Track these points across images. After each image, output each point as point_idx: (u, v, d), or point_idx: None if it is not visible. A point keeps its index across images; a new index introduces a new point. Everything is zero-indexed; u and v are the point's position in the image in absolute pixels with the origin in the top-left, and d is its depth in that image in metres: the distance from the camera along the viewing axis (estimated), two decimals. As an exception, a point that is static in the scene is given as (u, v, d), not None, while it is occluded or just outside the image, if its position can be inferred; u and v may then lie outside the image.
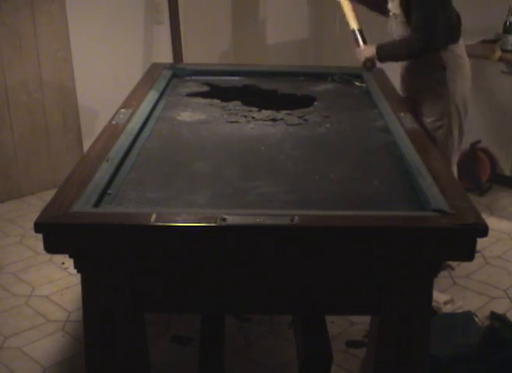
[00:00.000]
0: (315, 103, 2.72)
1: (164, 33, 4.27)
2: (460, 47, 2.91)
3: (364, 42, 2.91)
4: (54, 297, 3.00)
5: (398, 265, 1.69)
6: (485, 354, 2.45)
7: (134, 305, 1.74)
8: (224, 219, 1.62)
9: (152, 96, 2.68)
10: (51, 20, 3.85)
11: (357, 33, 2.93)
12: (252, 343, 2.67)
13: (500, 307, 2.89)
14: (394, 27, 2.90)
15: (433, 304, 2.54)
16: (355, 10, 3.00)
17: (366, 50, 2.87)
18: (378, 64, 2.96)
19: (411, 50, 2.78)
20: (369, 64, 2.88)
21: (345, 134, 2.42)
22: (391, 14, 2.93)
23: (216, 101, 2.73)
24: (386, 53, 2.84)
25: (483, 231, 1.62)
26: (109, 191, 1.84)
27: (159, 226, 1.62)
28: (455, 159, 3.05)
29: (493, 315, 2.76)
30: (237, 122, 2.49)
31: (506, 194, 4.08)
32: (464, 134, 3.04)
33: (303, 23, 5.01)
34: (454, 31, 2.86)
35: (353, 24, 2.95)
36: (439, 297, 2.83)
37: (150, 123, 2.43)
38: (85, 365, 1.83)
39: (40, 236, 1.63)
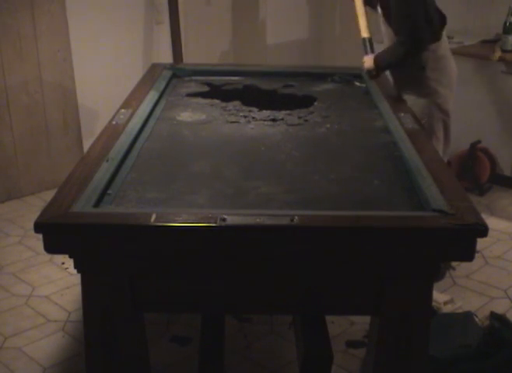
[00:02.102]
0: (315, 103, 2.72)
1: (164, 33, 4.27)
2: (442, 47, 2.90)
3: (371, 52, 2.91)
4: (54, 297, 3.00)
5: (398, 265, 1.69)
6: (485, 354, 2.45)
7: (134, 305, 1.74)
8: (224, 219, 1.62)
9: (152, 96, 2.68)
10: (51, 20, 3.85)
11: (366, 41, 2.94)
12: (252, 343, 2.67)
13: (500, 307, 2.89)
14: (381, 27, 2.95)
15: (433, 304, 2.54)
16: (367, 17, 3.00)
17: (367, 61, 2.90)
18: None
19: (401, 55, 2.79)
20: (372, 73, 2.91)
21: (345, 134, 2.42)
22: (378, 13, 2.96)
23: (216, 101, 2.73)
24: (383, 62, 2.87)
25: (483, 231, 1.62)
26: (109, 191, 1.84)
27: (159, 226, 1.62)
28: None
29: (493, 315, 2.75)
30: (237, 122, 2.49)
31: (506, 194, 4.08)
32: (451, 136, 3.01)
33: (303, 23, 5.01)
34: (434, 31, 2.84)
35: (364, 33, 2.96)
36: (439, 297, 2.83)
37: (150, 124, 2.43)
38: (86, 365, 1.83)
39: (40, 236, 1.63)
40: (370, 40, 2.95)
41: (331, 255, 1.68)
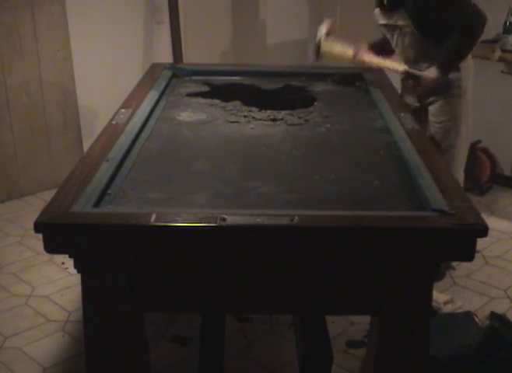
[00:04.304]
0: (315, 103, 2.72)
1: (164, 33, 4.27)
2: None
3: (420, 71, 2.85)
4: (54, 297, 3.00)
5: (398, 265, 1.69)
6: (485, 354, 2.45)
7: (134, 305, 1.74)
8: (224, 219, 1.62)
9: (152, 96, 2.68)
10: (51, 20, 3.85)
11: (410, 71, 2.87)
12: (252, 343, 2.67)
13: (500, 307, 2.89)
14: (401, 39, 2.89)
15: (433, 304, 2.54)
16: (384, 56, 2.98)
17: (431, 73, 2.81)
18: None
19: (470, 43, 2.76)
20: (440, 81, 2.83)
21: (346, 134, 2.42)
22: (385, 30, 2.93)
23: (216, 101, 2.73)
24: (449, 65, 2.81)
25: (483, 231, 1.62)
26: (109, 191, 1.84)
27: (159, 226, 1.62)
28: (464, 162, 3.04)
29: (493, 315, 2.76)
30: (238, 122, 2.49)
31: (506, 194, 4.08)
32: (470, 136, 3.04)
33: (303, 23, 5.01)
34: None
35: (400, 67, 2.90)
36: (439, 297, 2.83)
37: (150, 123, 2.43)
38: (85, 365, 1.83)
39: (40, 236, 1.62)
40: (410, 66, 2.88)
41: (331, 255, 1.68)
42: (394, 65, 2.95)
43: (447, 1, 2.74)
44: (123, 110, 2.47)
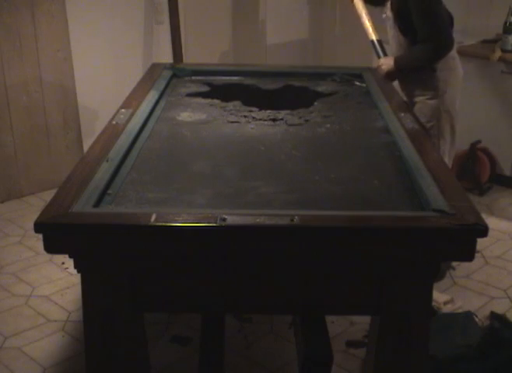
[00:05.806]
0: (315, 103, 2.73)
1: (164, 33, 4.27)
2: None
3: (384, 54, 2.88)
4: (54, 297, 3.00)
5: (398, 265, 1.69)
6: (485, 354, 2.45)
7: (134, 305, 1.74)
8: (224, 219, 1.62)
9: (152, 96, 2.68)
10: (51, 20, 3.85)
11: (376, 44, 2.90)
12: (252, 343, 2.67)
13: (500, 307, 2.89)
14: (388, 29, 2.91)
15: (433, 304, 2.54)
16: (372, 19, 2.98)
17: (386, 64, 2.86)
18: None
19: (430, 58, 2.79)
20: (392, 76, 2.89)
21: (346, 134, 2.42)
22: (384, 16, 2.94)
23: (216, 101, 2.73)
24: (405, 65, 2.84)
25: (483, 231, 1.62)
26: (109, 191, 1.84)
27: (159, 226, 1.62)
28: (450, 164, 3.02)
29: (493, 315, 2.76)
30: (237, 122, 2.49)
31: (506, 194, 4.08)
32: (456, 138, 3.01)
33: (303, 23, 5.01)
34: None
35: (372, 34, 2.93)
36: (439, 297, 2.83)
37: (150, 124, 2.43)
38: (85, 365, 1.83)
39: (40, 236, 1.63)
40: (380, 41, 2.91)
41: (331, 255, 1.68)
42: (369, 29, 2.96)
43: (424, 12, 2.72)
44: (123, 110, 2.47)
